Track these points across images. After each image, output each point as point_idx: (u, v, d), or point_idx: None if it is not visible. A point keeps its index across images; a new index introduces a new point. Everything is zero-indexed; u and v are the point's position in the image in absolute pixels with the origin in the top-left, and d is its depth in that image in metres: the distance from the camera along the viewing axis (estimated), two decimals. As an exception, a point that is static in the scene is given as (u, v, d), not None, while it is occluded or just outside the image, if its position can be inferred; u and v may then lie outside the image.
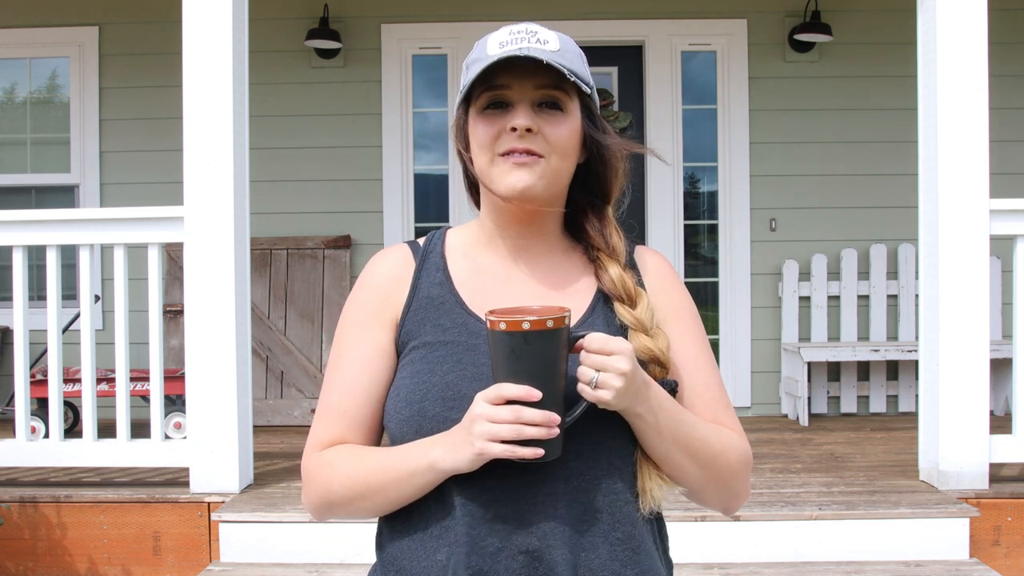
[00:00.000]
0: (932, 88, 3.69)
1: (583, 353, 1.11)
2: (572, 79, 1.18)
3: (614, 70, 5.81)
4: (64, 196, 5.76)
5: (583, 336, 1.11)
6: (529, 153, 1.20)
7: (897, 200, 5.49)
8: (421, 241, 1.35)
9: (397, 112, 5.68)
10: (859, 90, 5.63)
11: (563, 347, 1.09)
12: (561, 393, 1.10)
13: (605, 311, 1.26)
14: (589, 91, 1.24)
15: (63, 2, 5.71)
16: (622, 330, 1.23)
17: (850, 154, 5.64)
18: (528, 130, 1.19)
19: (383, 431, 1.28)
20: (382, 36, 5.68)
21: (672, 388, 1.21)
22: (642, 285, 1.28)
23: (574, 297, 1.27)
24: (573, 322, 1.23)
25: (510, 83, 1.20)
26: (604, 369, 1.09)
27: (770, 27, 5.67)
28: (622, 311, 1.24)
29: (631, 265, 1.30)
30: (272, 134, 5.56)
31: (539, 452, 1.07)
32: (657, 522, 1.27)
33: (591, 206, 1.30)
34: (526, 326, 1.05)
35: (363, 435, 1.26)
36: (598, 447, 1.17)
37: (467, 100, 1.24)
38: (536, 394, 1.06)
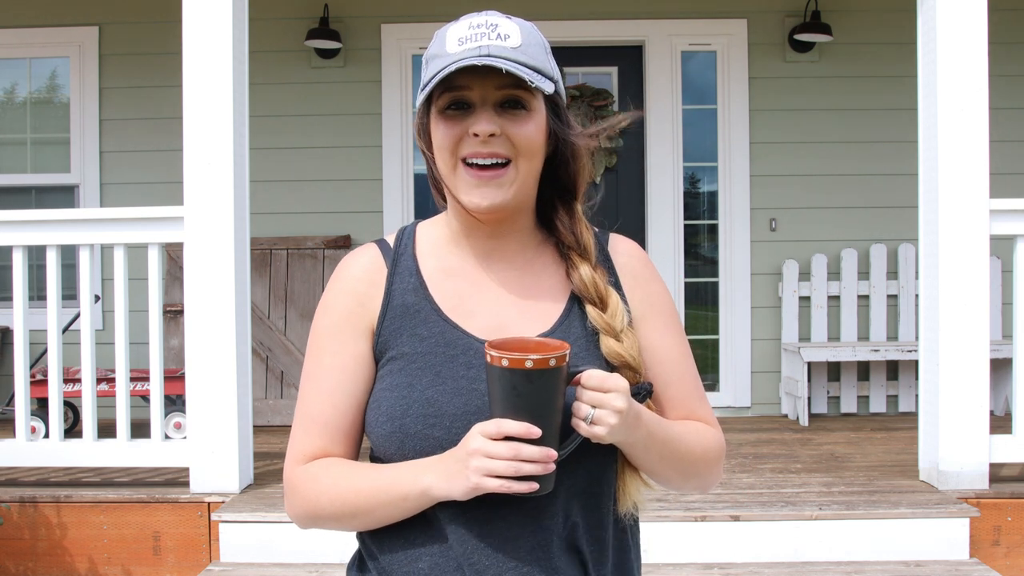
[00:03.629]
0: (932, 88, 3.69)
1: (579, 389, 1.10)
2: (534, 84, 1.14)
3: (614, 70, 5.81)
4: (64, 196, 5.76)
5: (581, 372, 1.10)
6: (495, 156, 1.16)
7: (897, 200, 5.49)
8: (391, 239, 1.31)
9: (397, 112, 5.68)
10: (859, 90, 5.63)
11: (562, 383, 1.08)
12: (558, 428, 1.09)
13: (581, 312, 1.24)
14: (553, 88, 1.19)
15: (63, 2, 5.71)
16: (594, 333, 1.22)
17: (850, 154, 5.64)
18: (492, 135, 1.15)
19: (363, 438, 1.26)
20: (382, 36, 5.68)
21: (647, 392, 1.20)
22: (616, 280, 1.27)
23: (549, 297, 1.26)
24: (550, 325, 1.23)
25: (471, 84, 1.16)
26: (600, 406, 1.09)
27: (770, 27, 5.67)
28: (593, 314, 1.22)
29: (603, 258, 1.28)
30: (272, 134, 5.56)
31: (534, 487, 1.07)
32: (633, 521, 1.28)
33: (560, 201, 1.27)
34: (529, 364, 1.04)
35: (346, 445, 1.24)
36: (579, 460, 1.16)
37: (427, 99, 1.20)
38: (536, 432, 1.06)
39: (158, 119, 5.54)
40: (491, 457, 1.06)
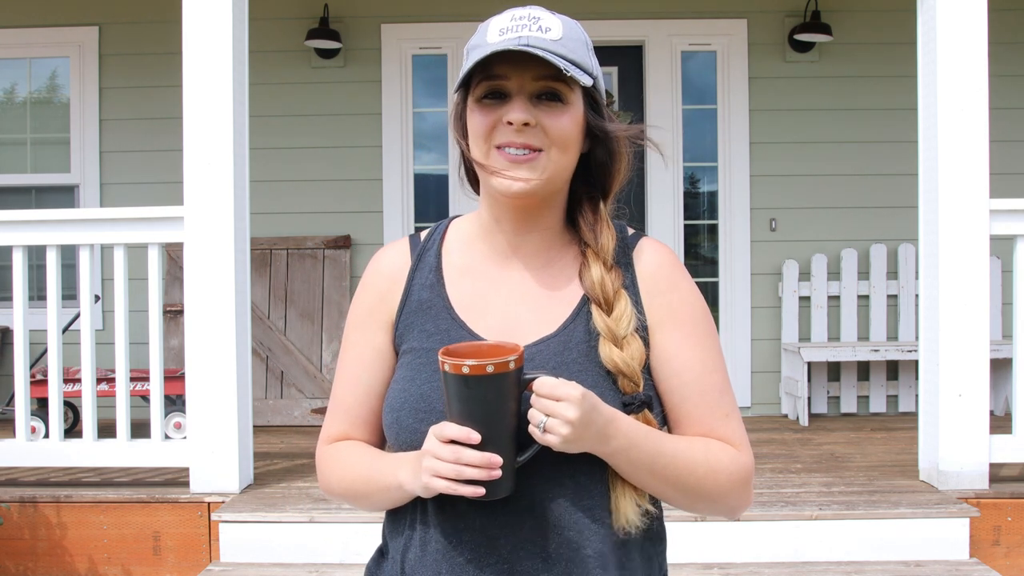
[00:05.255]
0: (932, 88, 3.69)
1: (533, 396, 1.08)
2: (569, 74, 1.13)
3: (614, 70, 5.81)
4: (64, 196, 5.76)
5: (534, 378, 1.09)
6: (528, 148, 1.16)
7: (897, 200, 5.49)
8: (424, 234, 1.33)
9: (397, 112, 5.68)
10: (859, 90, 5.63)
11: (510, 389, 1.08)
12: (509, 434, 1.09)
13: (589, 315, 1.21)
14: (591, 82, 1.18)
15: (63, 2, 5.71)
16: (598, 337, 1.19)
17: (850, 154, 5.64)
18: (525, 124, 1.15)
19: None
20: (382, 36, 5.68)
21: (640, 403, 1.16)
22: (633, 284, 1.23)
23: (563, 298, 1.24)
24: (555, 327, 1.21)
25: (508, 74, 1.16)
26: (551, 415, 1.07)
27: (770, 27, 5.67)
28: (596, 317, 1.19)
29: (625, 261, 1.24)
30: (272, 134, 5.56)
31: (479, 491, 1.07)
32: (647, 533, 1.23)
33: (589, 199, 1.26)
34: (465, 370, 1.05)
35: (367, 431, 1.30)
36: (560, 466, 1.15)
37: (466, 87, 1.20)
38: (474, 437, 1.07)
39: (158, 119, 5.54)
40: (437, 459, 1.08)
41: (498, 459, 1.07)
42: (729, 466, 1.20)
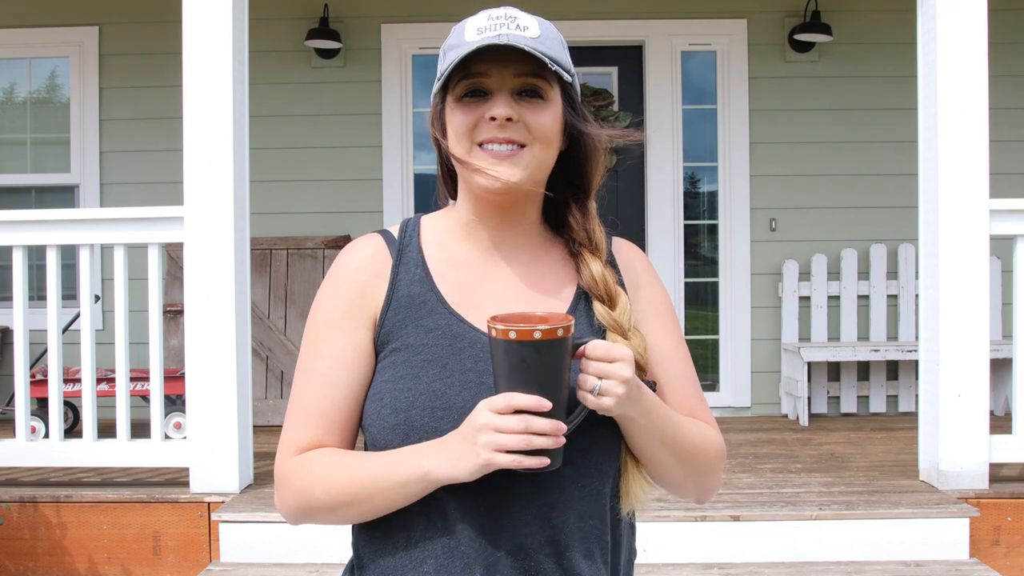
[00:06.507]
0: (932, 88, 3.69)
1: (584, 361, 1.09)
2: (553, 68, 1.15)
3: (614, 70, 5.81)
4: (64, 196, 5.76)
5: (585, 343, 1.09)
6: (511, 143, 1.17)
7: (897, 200, 5.49)
8: (394, 230, 1.29)
9: (397, 112, 5.69)
10: (859, 90, 5.63)
11: (568, 354, 1.07)
12: (565, 401, 1.08)
13: (587, 309, 1.24)
14: (570, 79, 1.21)
15: (63, 2, 5.71)
16: (600, 331, 1.22)
17: (850, 154, 5.64)
18: (508, 119, 1.16)
19: (359, 432, 1.24)
20: (382, 36, 5.69)
21: (650, 390, 1.19)
22: (620, 281, 1.27)
23: (555, 293, 1.25)
24: None
25: (489, 71, 1.17)
26: (607, 376, 1.08)
27: (770, 27, 5.67)
28: (601, 311, 1.21)
29: (610, 260, 1.28)
30: (272, 134, 5.56)
31: (545, 461, 1.05)
32: (630, 523, 1.28)
33: (573, 198, 1.28)
34: (537, 335, 1.03)
35: (341, 437, 1.21)
36: (587, 453, 1.16)
37: (444, 87, 1.21)
38: (547, 404, 1.04)
39: (158, 119, 5.54)
40: (501, 431, 1.03)
41: (564, 425, 1.06)
42: (714, 441, 1.27)
